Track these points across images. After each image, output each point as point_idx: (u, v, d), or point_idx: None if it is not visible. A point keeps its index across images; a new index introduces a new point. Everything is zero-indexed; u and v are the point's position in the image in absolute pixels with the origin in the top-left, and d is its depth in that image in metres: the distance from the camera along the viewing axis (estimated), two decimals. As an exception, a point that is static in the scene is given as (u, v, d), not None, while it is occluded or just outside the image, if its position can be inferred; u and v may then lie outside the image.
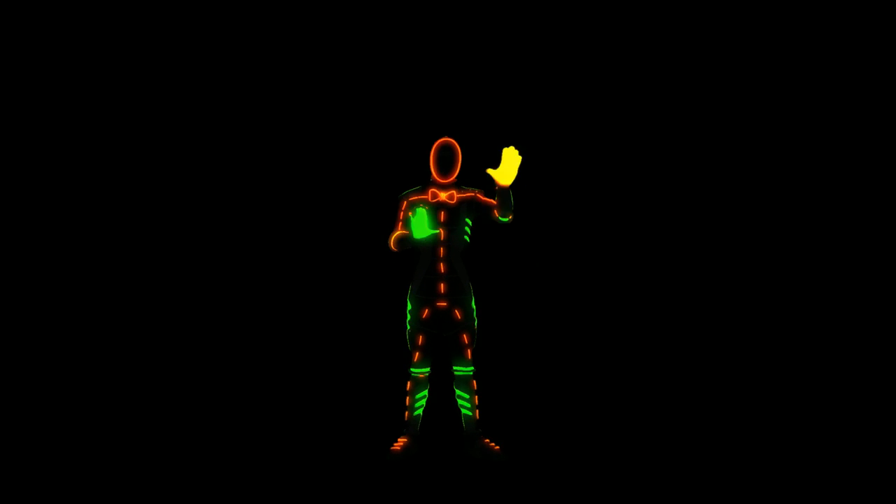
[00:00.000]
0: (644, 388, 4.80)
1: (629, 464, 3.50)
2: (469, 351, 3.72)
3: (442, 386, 4.32)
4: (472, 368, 3.73)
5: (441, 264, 3.64)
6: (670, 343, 5.14)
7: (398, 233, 3.65)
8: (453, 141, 3.70)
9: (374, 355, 5.02)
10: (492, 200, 3.65)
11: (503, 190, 3.50)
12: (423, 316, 3.67)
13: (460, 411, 3.75)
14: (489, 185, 3.65)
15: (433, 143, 3.70)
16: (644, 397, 4.63)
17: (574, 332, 5.23)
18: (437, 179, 3.70)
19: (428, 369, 3.74)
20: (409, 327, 3.73)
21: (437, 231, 3.61)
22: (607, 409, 4.41)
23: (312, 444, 3.81)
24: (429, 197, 3.70)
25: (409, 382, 3.74)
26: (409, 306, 3.71)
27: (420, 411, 3.74)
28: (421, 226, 3.49)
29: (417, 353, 3.71)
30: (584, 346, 5.21)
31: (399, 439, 3.69)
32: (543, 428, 4.10)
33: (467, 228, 3.70)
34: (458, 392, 3.75)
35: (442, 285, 3.64)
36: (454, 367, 3.75)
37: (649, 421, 4.17)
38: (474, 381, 3.74)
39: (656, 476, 3.33)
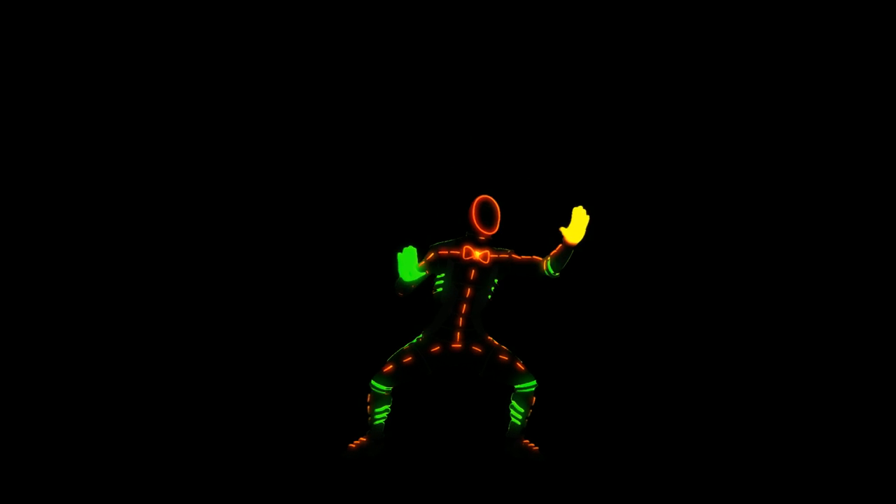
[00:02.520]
0: (652, 393, 4.84)
1: (632, 468, 3.60)
2: (519, 363, 3.62)
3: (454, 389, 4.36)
4: (533, 383, 3.64)
5: (461, 319, 3.58)
6: (676, 347, 5.20)
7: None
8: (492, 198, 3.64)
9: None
10: (531, 258, 3.63)
11: (569, 248, 3.49)
12: (432, 349, 3.59)
13: (510, 418, 3.71)
14: (521, 244, 3.64)
15: (472, 199, 3.62)
16: (652, 403, 4.67)
17: (594, 336, 5.25)
18: (482, 231, 3.59)
19: (390, 388, 3.61)
20: (406, 346, 3.62)
21: (425, 274, 3.54)
22: (616, 415, 4.45)
23: (296, 446, 3.80)
24: (462, 254, 3.59)
25: (368, 395, 3.64)
26: (420, 336, 3.63)
27: (382, 421, 3.68)
28: (408, 266, 3.41)
29: (392, 367, 3.57)
30: (604, 350, 5.23)
31: (360, 438, 3.70)
32: (555, 432, 4.11)
33: (493, 288, 3.64)
34: (514, 404, 3.68)
35: (458, 335, 3.58)
36: (515, 386, 3.64)
37: (657, 427, 4.24)
38: (534, 398, 3.66)
39: (660, 479, 3.45)
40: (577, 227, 3.47)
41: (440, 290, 3.62)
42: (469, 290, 3.60)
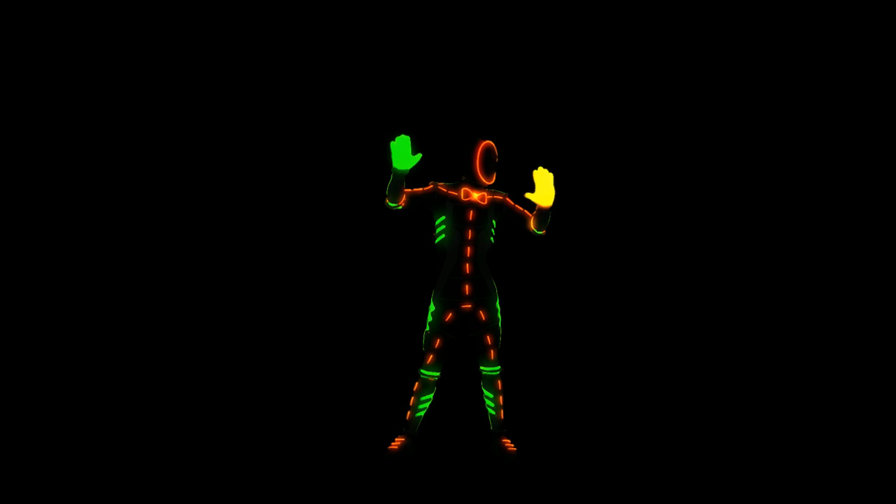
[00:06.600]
0: (657, 390, 4.79)
1: (638, 468, 3.50)
2: (493, 352, 3.66)
3: (459, 387, 4.39)
4: (498, 368, 3.69)
5: (467, 265, 3.56)
6: (683, 346, 5.18)
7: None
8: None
9: (386, 355, 5.01)
10: (523, 210, 3.67)
11: (544, 210, 3.51)
12: (447, 319, 3.59)
13: (487, 410, 3.74)
14: (514, 189, 3.69)
15: (477, 143, 3.59)
16: (657, 400, 4.61)
17: (594, 332, 5.24)
18: (482, 180, 3.62)
19: (438, 374, 3.65)
20: (427, 328, 3.64)
21: (419, 157, 3.29)
22: (623, 412, 4.39)
23: (315, 443, 3.74)
24: (461, 195, 3.60)
25: (416, 383, 3.66)
26: (433, 307, 3.62)
27: (422, 413, 3.68)
28: (402, 154, 3.22)
29: (432, 356, 3.61)
30: (602, 346, 5.21)
31: (396, 438, 3.63)
32: (561, 429, 4.07)
33: (493, 230, 3.64)
34: (484, 391, 3.72)
35: (467, 287, 3.57)
36: (481, 367, 3.71)
37: (662, 425, 4.16)
38: (500, 381, 3.70)
39: (664, 479, 3.35)
40: (544, 190, 3.45)
41: (442, 236, 3.62)
42: (470, 231, 3.59)
